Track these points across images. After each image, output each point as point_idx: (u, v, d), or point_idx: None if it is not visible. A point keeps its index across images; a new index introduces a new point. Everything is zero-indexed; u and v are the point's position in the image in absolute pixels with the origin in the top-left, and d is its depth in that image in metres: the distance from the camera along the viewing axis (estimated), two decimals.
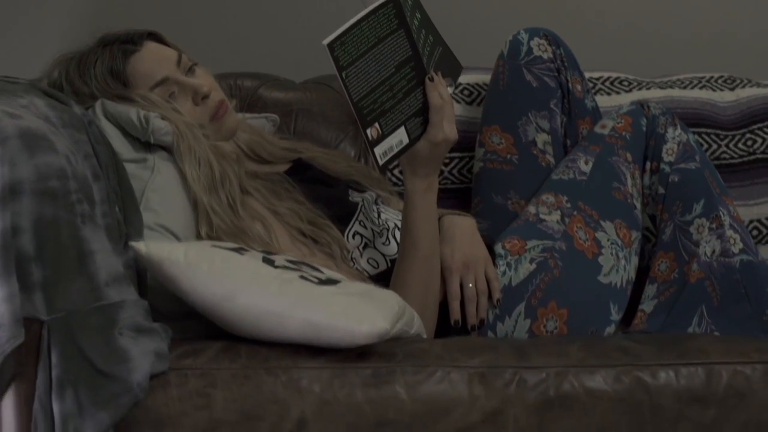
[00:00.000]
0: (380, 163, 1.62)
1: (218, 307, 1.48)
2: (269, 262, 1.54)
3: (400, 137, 1.64)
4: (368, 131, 1.60)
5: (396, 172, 2.13)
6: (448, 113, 1.66)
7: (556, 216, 1.86)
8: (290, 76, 2.32)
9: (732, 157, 2.21)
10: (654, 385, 1.48)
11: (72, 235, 1.45)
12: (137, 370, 1.43)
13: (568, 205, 1.88)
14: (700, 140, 2.19)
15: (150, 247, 1.51)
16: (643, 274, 1.95)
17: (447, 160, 2.17)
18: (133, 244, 1.52)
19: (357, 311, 1.44)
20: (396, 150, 1.64)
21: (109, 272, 1.47)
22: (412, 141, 1.66)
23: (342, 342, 1.44)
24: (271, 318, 1.45)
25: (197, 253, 1.51)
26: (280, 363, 1.46)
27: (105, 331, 1.44)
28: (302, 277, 1.51)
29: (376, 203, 1.86)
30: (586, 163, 1.92)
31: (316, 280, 1.51)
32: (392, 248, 1.80)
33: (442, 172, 2.17)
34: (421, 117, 1.66)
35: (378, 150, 1.61)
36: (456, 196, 2.14)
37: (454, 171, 2.18)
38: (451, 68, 1.76)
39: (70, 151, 1.51)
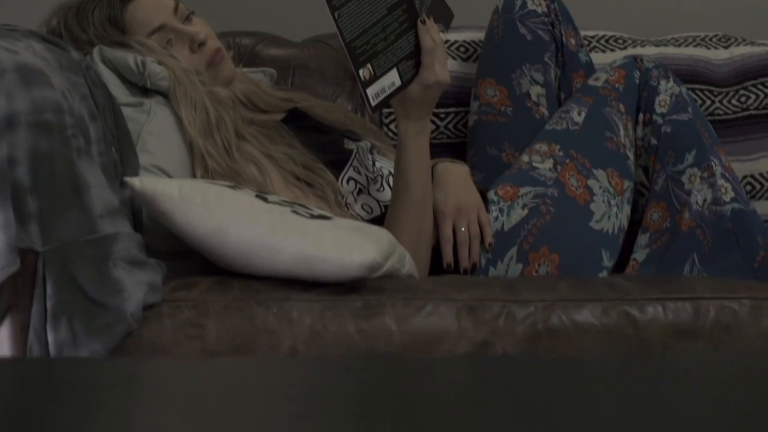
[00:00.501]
0: (372, 104, 1.64)
1: (211, 240, 1.49)
2: (262, 198, 1.56)
3: (392, 79, 1.66)
4: (361, 72, 1.62)
5: (393, 127, 2.15)
6: (440, 56, 1.68)
7: (548, 164, 1.88)
8: (289, 36, 2.33)
9: (726, 113, 2.22)
10: (641, 319, 1.50)
11: (67, 168, 1.47)
12: (131, 300, 1.45)
13: (561, 153, 1.89)
14: (695, 96, 2.20)
15: (144, 182, 1.53)
16: (636, 226, 1.96)
17: (442, 115, 2.19)
18: (128, 179, 1.54)
19: (348, 243, 1.46)
20: (388, 92, 1.65)
21: (104, 205, 1.49)
22: (405, 83, 1.68)
23: (333, 274, 1.46)
24: (263, 250, 1.47)
25: (191, 188, 1.53)
26: (271, 295, 1.48)
27: (99, 263, 1.46)
28: (294, 212, 1.53)
29: (371, 152, 1.88)
30: (579, 113, 1.94)
31: (308, 215, 1.53)
32: (386, 194, 1.82)
33: (437, 127, 2.19)
34: (413, 60, 1.68)
35: (370, 91, 1.63)
36: (451, 151, 2.16)
37: (450, 126, 2.19)
38: (443, 14, 1.78)
39: (67, 89, 1.53)
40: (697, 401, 0.70)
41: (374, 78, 1.63)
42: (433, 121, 2.17)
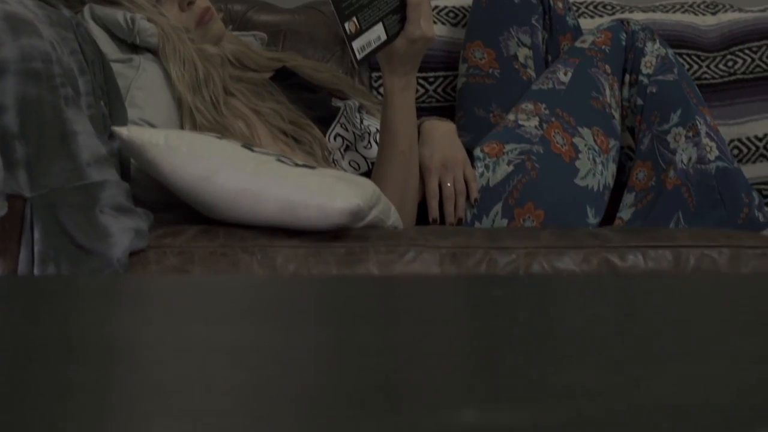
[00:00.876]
0: (358, 57, 1.66)
1: (197, 188, 1.51)
2: (248, 148, 1.58)
3: (378, 33, 1.68)
4: (346, 25, 1.64)
5: (382, 90, 2.16)
6: (426, 10, 1.69)
7: (534, 122, 1.90)
8: (280, 3, 2.35)
9: (713, 78, 2.24)
10: (622, 266, 1.52)
11: (55, 115, 1.49)
12: (117, 246, 1.47)
13: (547, 112, 1.91)
14: (682, 61, 2.22)
15: (132, 131, 1.55)
16: (623, 188, 1.98)
17: (431, 79, 2.21)
18: (115, 128, 1.56)
19: (332, 189, 1.48)
20: (374, 45, 1.67)
21: (92, 153, 1.51)
22: (390, 38, 1.70)
23: (317, 220, 1.48)
24: (248, 197, 1.49)
25: (177, 137, 1.55)
26: (256, 242, 1.50)
27: (86, 209, 1.48)
28: (279, 160, 1.55)
29: (359, 111, 1.90)
30: (565, 74, 1.96)
31: (292, 164, 1.55)
32: (373, 151, 1.83)
33: (426, 90, 2.21)
34: (399, 15, 1.70)
35: (356, 44, 1.65)
36: (440, 115, 2.17)
37: (439, 89, 2.21)
38: None
39: (56, 41, 1.55)
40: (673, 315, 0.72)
41: (360, 31, 1.65)
42: (421, 85, 2.19)
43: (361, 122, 1.87)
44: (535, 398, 0.40)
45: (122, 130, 1.55)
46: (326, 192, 1.47)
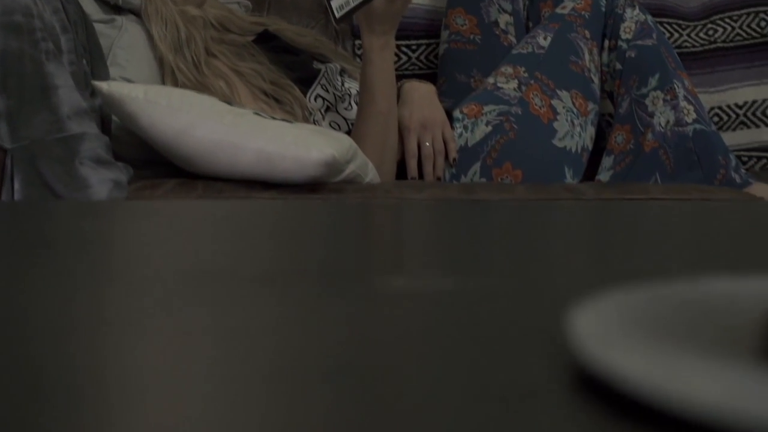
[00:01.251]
0: (337, 16, 1.67)
1: (176, 140, 1.53)
2: (226, 102, 1.60)
3: None
4: None
5: None
6: None
7: (513, 84, 1.92)
8: None
9: (693, 46, 2.26)
10: None
11: (36, 68, 1.51)
12: (96, 196, 1.49)
13: (526, 75, 1.93)
14: (663, 30, 2.24)
15: (112, 85, 1.57)
16: (603, 152, 2.00)
17: (414, 47, 2.23)
18: (96, 83, 1.58)
19: (308, 141, 1.50)
20: (352, 5, 1.69)
21: (72, 106, 1.53)
22: None
23: (293, 171, 1.49)
24: (226, 149, 1.51)
25: (156, 91, 1.57)
26: (234, 194, 1.52)
27: (66, 161, 1.50)
28: (257, 113, 1.57)
29: (340, 74, 1.92)
30: (545, 38, 1.98)
31: (270, 118, 1.57)
32: (354, 113, 1.85)
33: (409, 58, 2.23)
34: None
35: (335, 3, 1.67)
36: None
37: (421, 57, 2.23)
38: None
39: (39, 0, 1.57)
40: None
41: None
42: (404, 53, 2.21)
43: (342, 84, 1.89)
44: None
45: (102, 85, 1.57)
46: (302, 143, 1.49)
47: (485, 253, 0.55)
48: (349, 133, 1.83)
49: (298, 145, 1.49)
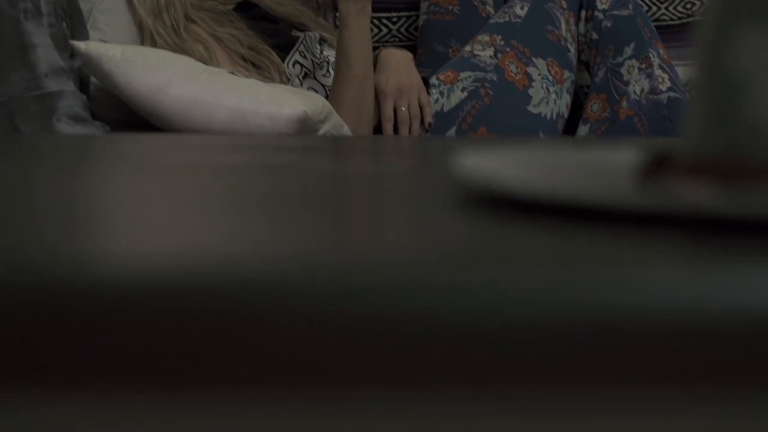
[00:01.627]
0: None
1: (151, 99, 1.56)
2: (203, 63, 1.63)
3: None
4: None
5: None
6: None
7: (489, 52, 1.94)
8: None
9: (671, 19, 2.28)
10: None
11: (14, 27, 1.54)
12: None
13: (502, 43, 1.96)
14: (640, 3, 2.26)
15: (89, 45, 1.59)
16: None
17: (394, 19, 2.25)
18: (74, 42, 1.61)
19: (281, 97, 1.52)
20: None
21: (50, 65, 1.55)
22: None
23: (266, 128, 1.52)
24: (200, 106, 1.53)
25: (133, 50, 1.59)
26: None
27: (44, 118, 1.53)
28: (231, 73, 1.59)
29: (319, 43, 1.94)
30: (522, 8, 2.00)
31: (244, 77, 1.60)
32: (332, 80, 1.88)
33: (389, 30, 2.25)
34: None
35: None
36: None
37: (402, 29, 2.25)
38: None
39: None
40: None
41: None
42: (385, 25, 2.23)
43: (321, 52, 1.92)
44: None
45: (80, 44, 1.59)
46: (275, 100, 1.51)
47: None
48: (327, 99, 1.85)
49: (271, 101, 1.51)
